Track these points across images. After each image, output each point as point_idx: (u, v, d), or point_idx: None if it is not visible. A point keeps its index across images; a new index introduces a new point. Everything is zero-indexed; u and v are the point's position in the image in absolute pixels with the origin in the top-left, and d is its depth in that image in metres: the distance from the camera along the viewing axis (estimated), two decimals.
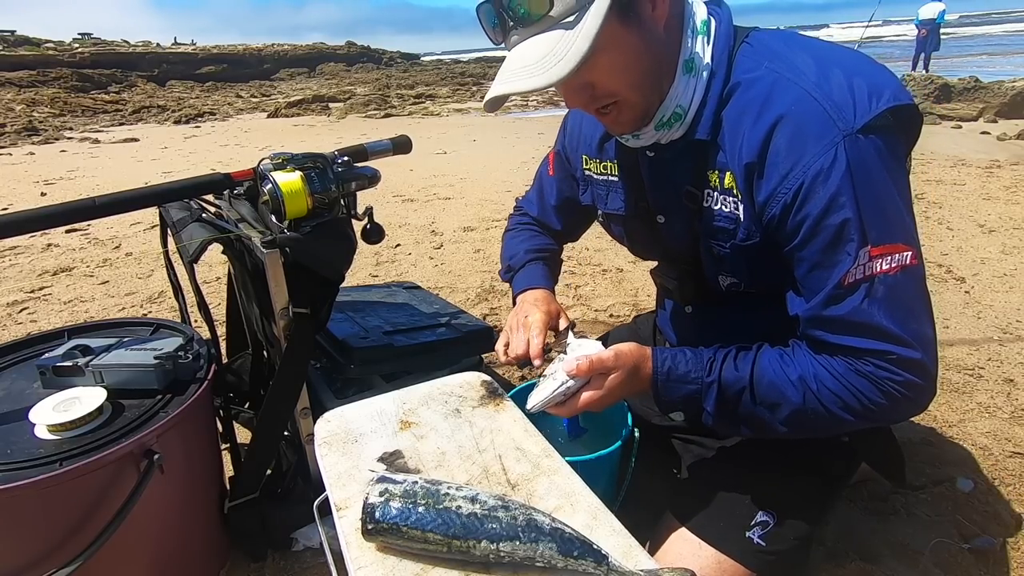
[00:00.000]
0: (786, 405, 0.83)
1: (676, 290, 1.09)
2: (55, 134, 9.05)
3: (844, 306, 0.77)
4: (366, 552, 0.69)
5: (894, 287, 0.75)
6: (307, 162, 1.10)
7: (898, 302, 0.76)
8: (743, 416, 0.87)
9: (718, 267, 0.95)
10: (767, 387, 0.84)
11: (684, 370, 0.88)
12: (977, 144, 5.96)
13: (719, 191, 0.87)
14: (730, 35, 0.85)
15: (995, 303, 2.48)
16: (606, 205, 1.08)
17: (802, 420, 0.83)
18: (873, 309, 0.76)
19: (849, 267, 0.75)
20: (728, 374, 0.86)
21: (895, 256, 0.75)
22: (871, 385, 0.78)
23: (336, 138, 7.96)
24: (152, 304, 2.73)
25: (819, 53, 0.81)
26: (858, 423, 0.81)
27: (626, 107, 0.84)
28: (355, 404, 0.97)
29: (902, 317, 0.76)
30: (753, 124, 0.79)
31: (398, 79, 18.65)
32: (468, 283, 2.86)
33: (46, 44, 24.50)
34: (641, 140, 0.91)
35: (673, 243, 1.02)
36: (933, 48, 12.36)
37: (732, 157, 0.83)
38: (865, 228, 0.74)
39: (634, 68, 0.80)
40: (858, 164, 0.73)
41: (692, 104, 0.85)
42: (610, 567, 0.66)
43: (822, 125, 0.74)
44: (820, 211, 0.75)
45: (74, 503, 0.95)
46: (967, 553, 1.27)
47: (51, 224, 1.06)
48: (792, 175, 0.76)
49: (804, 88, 0.77)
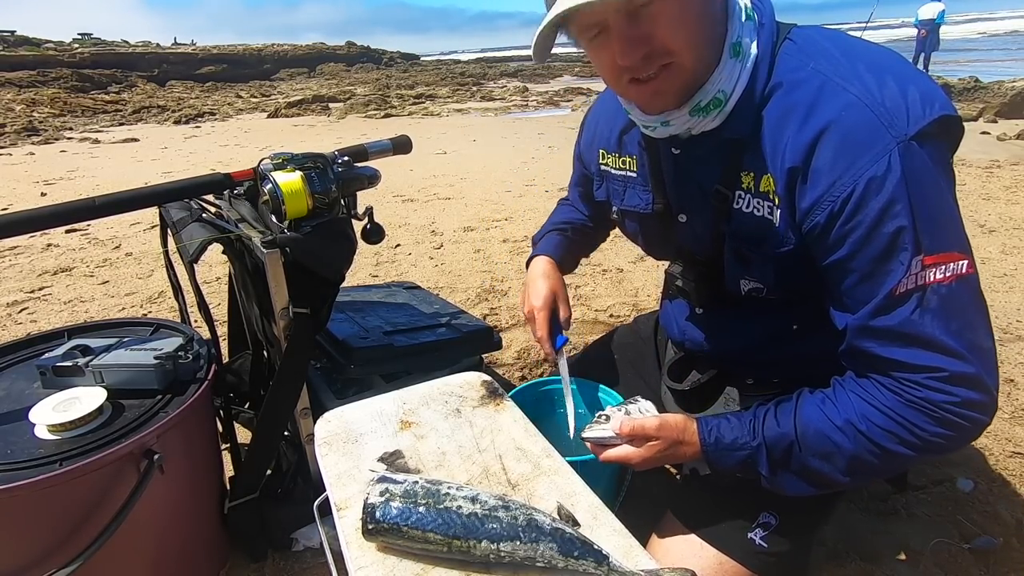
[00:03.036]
0: (839, 454, 0.79)
1: (692, 292, 1.05)
2: (55, 134, 9.04)
3: (894, 316, 0.74)
4: (366, 552, 0.69)
5: (948, 297, 0.72)
6: (307, 162, 1.09)
7: (952, 312, 0.73)
8: (799, 472, 0.83)
9: (742, 271, 0.92)
10: (814, 437, 0.80)
11: (731, 438, 0.85)
12: (977, 144, 5.96)
13: (752, 194, 0.84)
14: (774, 29, 0.82)
15: (995, 303, 2.48)
16: (622, 201, 1.05)
17: (861, 466, 0.79)
18: (925, 320, 0.72)
19: (901, 276, 0.72)
20: (771, 432, 0.83)
21: (950, 265, 0.72)
22: (924, 416, 0.74)
23: (336, 138, 7.96)
24: (152, 304, 2.73)
25: (868, 57, 0.78)
26: (921, 457, 0.77)
27: (677, 71, 0.78)
28: (355, 404, 0.97)
29: (957, 328, 0.73)
30: (799, 128, 0.76)
31: (398, 79, 18.65)
32: (468, 283, 2.86)
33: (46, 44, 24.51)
34: (671, 127, 0.85)
35: (692, 244, 0.99)
36: (933, 48, 12.38)
37: (773, 160, 0.80)
38: (919, 236, 0.71)
39: (693, 25, 0.76)
40: (912, 172, 0.71)
41: (734, 93, 0.80)
42: (611, 567, 0.65)
43: (874, 132, 0.72)
44: (873, 220, 0.72)
45: (74, 503, 0.95)
46: (967, 553, 1.27)
47: (51, 224, 1.06)
48: (841, 183, 0.73)
49: (854, 94, 0.74)
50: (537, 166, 5.54)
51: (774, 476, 0.84)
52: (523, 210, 4.08)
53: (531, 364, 2.08)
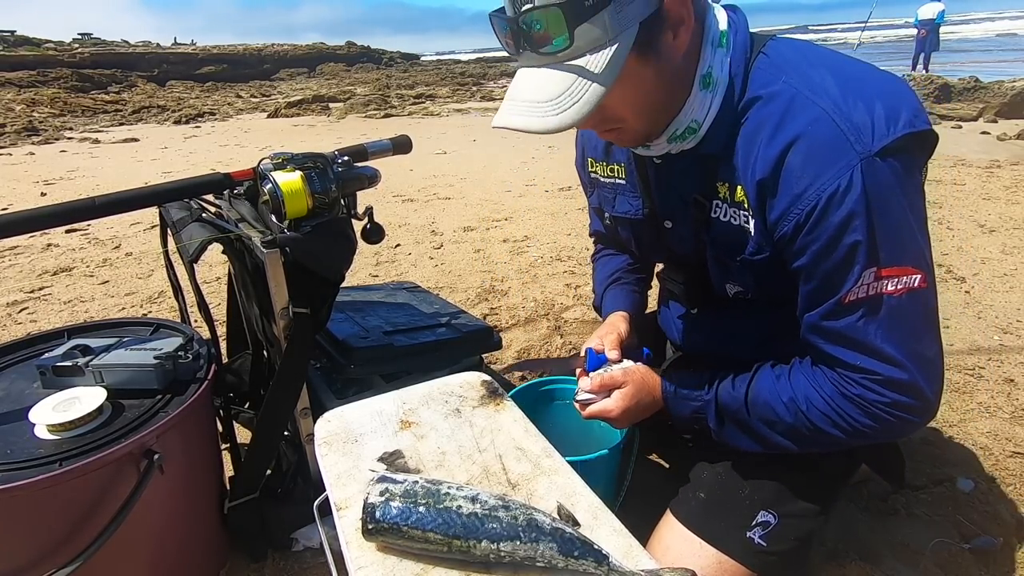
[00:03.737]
0: (780, 423, 0.88)
1: (683, 294, 1.09)
2: (55, 134, 9.04)
3: (841, 321, 0.79)
4: (366, 552, 0.69)
5: (897, 308, 0.77)
6: (307, 162, 1.09)
7: (898, 323, 0.77)
8: (743, 430, 0.92)
9: (725, 276, 0.96)
10: (762, 406, 0.89)
11: (687, 389, 0.96)
12: (977, 144, 5.96)
13: (728, 203, 0.87)
14: (747, 45, 0.83)
15: (995, 303, 2.48)
16: (613, 208, 1.08)
17: (797, 437, 0.88)
18: (869, 328, 0.78)
19: (852, 286, 0.77)
20: (724, 394, 0.93)
21: (903, 279, 0.76)
22: (857, 408, 0.81)
23: (336, 138, 7.95)
24: (152, 304, 2.73)
25: (840, 70, 0.79)
26: (852, 441, 0.85)
27: (629, 132, 0.85)
28: (355, 404, 0.97)
29: (900, 338, 0.77)
30: (769, 141, 0.78)
31: (398, 79, 18.63)
32: (468, 283, 2.86)
33: (46, 44, 24.50)
34: (652, 151, 0.90)
35: (680, 248, 1.02)
36: (933, 48, 12.38)
37: (744, 172, 0.82)
38: (875, 250, 0.75)
39: (644, 100, 0.80)
40: (874, 187, 0.73)
41: (707, 118, 0.84)
42: (611, 567, 0.65)
43: (839, 147, 0.73)
44: (832, 233, 0.75)
45: (74, 503, 0.95)
46: (967, 553, 1.27)
47: (51, 224, 1.06)
48: (806, 196, 0.75)
49: (823, 108, 0.75)
50: (537, 166, 5.54)
51: (721, 429, 0.94)
52: (523, 210, 4.08)
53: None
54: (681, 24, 0.75)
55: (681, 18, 0.75)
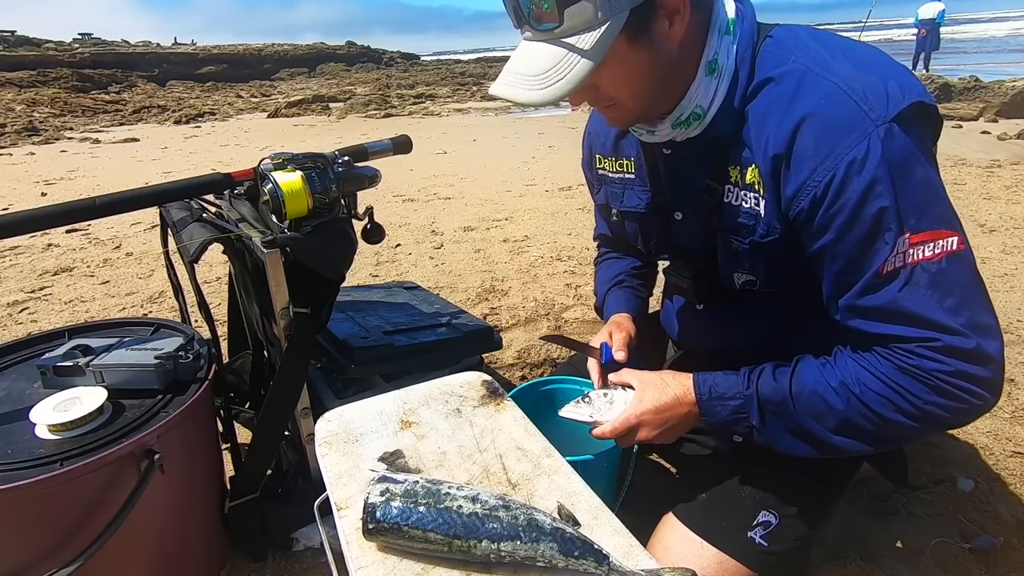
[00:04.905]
0: (831, 414, 0.80)
1: (690, 288, 1.07)
2: (55, 134, 9.04)
3: (881, 296, 0.74)
4: (367, 552, 0.69)
5: (938, 274, 0.72)
6: (307, 162, 1.10)
7: (944, 289, 0.72)
8: (791, 430, 0.84)
9: (734, 265, 0.94)
10: (808, 396, 0.81)
11: (725, 387, 0.87)
12: (977, 144, 5.96)
13: (740, 187, 0.87)
14: (753, 32, 0.84)
15: (995, 303, 2.45)
16: (621, 203, 1.08)
17: (852, 428, 0.79)
18: (914, 296, 0.73)
19: (887, 256, 0.73)
20: (765, 386, 0.85)
21: (938, 243, 0.73)
22: (918, 383, 0.74)
23: (336, 138, 7.96)
24: (152, 304, 2.73)
25: (848, 50, 0.80)
26: (921, 428, 0.76)
27: (622, 110, 0.86)
28: (355, 404, 0.97)
29: (952, 305, 0.72)
30: (781, 118, 0.78)
31: (398, 79, 18.64)
32: (468, 283, 2.86)
33: (46, 44, 24.50)
34: (656, 136, 0.90)
35: (688, 241, 1.02)
36: (933, 48, 12.38)
37: (758, 151, 0.82)
38: (903, 215, 0.72)
39: (636, 83, 0.81)
40: (893, 152, 0.72)
41: (713, 105, 0.84)
42: (611, 567, 0.65)
43: (854, 117, 0.73)
44: (856, 202, 0.73)
45: (74, 503, 0.95)
46: (968, 553, 1.27)
47: (51, 224, 1.06)
48: (823, 167, 0.74)
49: (833, 82, 0.76)
50: (537, 166, 5.54)
51: (764, 427, 0.85)
52: (523, 210, 4.08)
53: (531, 364, 2.08)
54: (676, 13, 0.77)
55: (676, 8, 0.76)
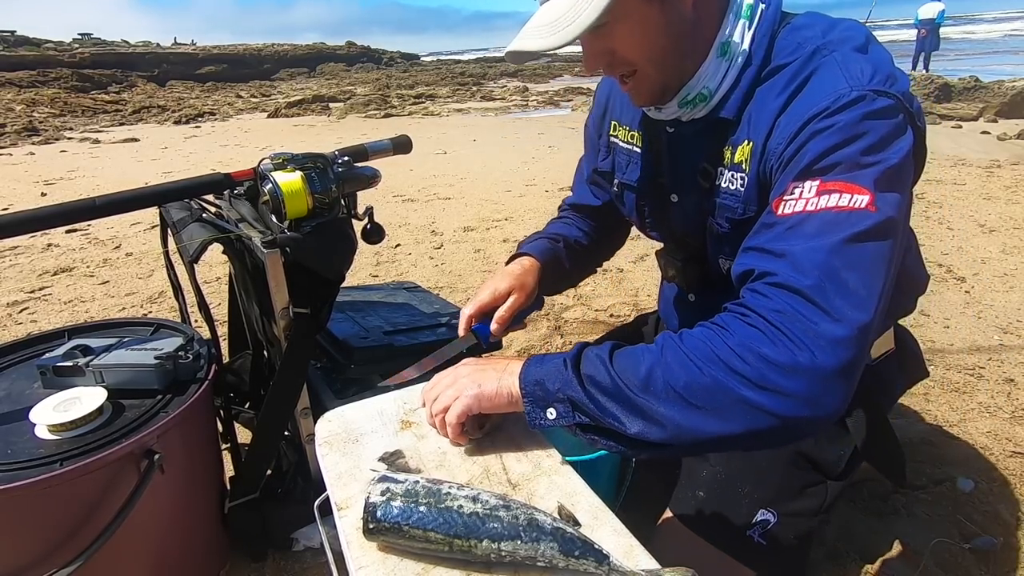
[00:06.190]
0: (642, 367, 0.68)
1: (680, 273, 1.09)
2: (55, 134, 9.04)
3: (760, 236, 0.72)
4: (367, 552, 0.69)
5: (830, 222, 0.66)
6: (307, 162, 1.10)
7: (822, 234, 0.67)
8: (617, 399, 0.70)
9: (719, 248, 0.95)
10: (625, 356, 0.72)
11: (550, 358, 0.78)
12: (977, 144, 5.96)
13: (728, 167, 0.88)
14: (776, 20, 0.85)
15: (995, 303, 2.48)
16: (624, 175, 1.09)
17: (674, 393, 0.66)
18: (789, 236, 0.68)
19: (791, 197, 0.71)
20: (588, 351, 0.76)
21: (845, 196, 0.67)
22: (735, 318, 0.67)
23: (336, 138, 7.96)
24: (152, 304, 2.73)
25: (863, 46, 0.81)
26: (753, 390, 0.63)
27: (643, 79, 0.85)
28: (355, 404, 0.97)
29: (818, 247, 0.66)
30: (778, 95, 0.80)
31: (398, 79, 18.63)
32: (468, 283, 2.86)
33: (46, 44, 24.50)
34: (663, 114, 0.92)
35: (683, 224, 1.02)
36: (933, 48, 12.38)
37: (755, 127, 0.83)
38: (831, 162, 0.70)
39: (652, 42, 0.81)
40: (860, 109, 0.71)
41: (721, 87, 0.85)
42: (611, 567, 0.65)
43: (836, 82, 0.75)
44: (803, 139, 0.73)
45: (74, 503, 0.95)
46: (967, 553, 1.27)
47: (51, 224, 1.06)
48: (799, 113, 0.75)
49: (836, 60, 0.77)
50: (537, 166, 5.54)
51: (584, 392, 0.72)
52: (523, 210, 4.08)
53: None
54: None
55: None
